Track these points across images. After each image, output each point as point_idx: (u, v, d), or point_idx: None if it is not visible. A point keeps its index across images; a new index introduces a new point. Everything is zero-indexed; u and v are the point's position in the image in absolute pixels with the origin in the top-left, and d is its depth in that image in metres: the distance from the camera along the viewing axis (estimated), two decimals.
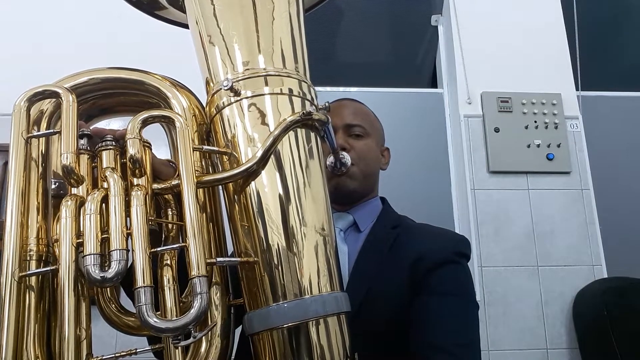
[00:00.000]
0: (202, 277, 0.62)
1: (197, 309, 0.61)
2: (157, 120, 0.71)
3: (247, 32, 0.78)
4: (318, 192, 0.73)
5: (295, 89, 0.75)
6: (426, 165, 2.31)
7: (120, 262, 0.61)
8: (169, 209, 0.75)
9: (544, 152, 2.17)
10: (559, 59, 2.34)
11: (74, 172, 0.65)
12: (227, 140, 0.74)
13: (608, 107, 2.44)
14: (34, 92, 0.69)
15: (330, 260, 0.71)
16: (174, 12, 0.96)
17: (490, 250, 2.07)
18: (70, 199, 0.66)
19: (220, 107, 0.74)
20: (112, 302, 0.72)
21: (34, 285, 0.65)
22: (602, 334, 1.79)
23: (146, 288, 0.60)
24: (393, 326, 0.88)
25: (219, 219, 0.76)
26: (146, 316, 0.59)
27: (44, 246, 0.67)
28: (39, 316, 0.64)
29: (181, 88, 0.79)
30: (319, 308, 0.66)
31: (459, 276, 0.93)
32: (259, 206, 0.70)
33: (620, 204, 2.26)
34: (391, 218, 1.05)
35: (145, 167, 0.69)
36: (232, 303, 0.73)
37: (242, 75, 0.74)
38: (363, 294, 0.89)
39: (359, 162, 1.02)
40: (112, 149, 0.71)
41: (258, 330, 0.67)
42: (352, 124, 1.05)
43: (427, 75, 2.80)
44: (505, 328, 1.98)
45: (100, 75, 0.78)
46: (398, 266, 0.92)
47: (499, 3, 2.41)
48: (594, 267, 2.06)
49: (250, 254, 0.70)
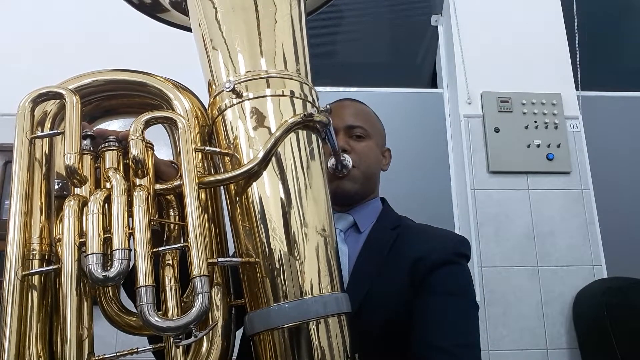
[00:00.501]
0: (203, 277, 0.62)
1: (198, 308, 0.61)
2: (160, 122, 0.72)
3: (249, 34, 0.78)
4: (319, 193, 0.74)
5: (296, 91, 0.76)
6: (426, 165, 2.31)
7: (122, 262, 0.61)
8: (170, 209, 0.76)
9: (544, 152, 2.17)
10: (559, 59, 2.34)
11: (77, 173, 0.65)
12: (229, 142, 0.74)
13: (608, 107, 2.44)
14: (38, 93, 0.70)
15: (331, 261, 0.71)
16: (176, 15, 0.96)
17: (490, 250, 2.07)
18: (73, 199, 0.66)
19: (222, 108, 0.75)
20: (114, 301, 0.72)
21: (36, 285, 0.65)
22: (602, 334, 1.79)
23: (148, 287, 0.60)
24: (393, 327, 0.88)
25: (220, 220, 0.77)
26: (148, 315, 0.60)
27: (46, 246, 0.67)
28: (41, 315, 0.65)
29: (184, 90, 0.80)
30: (320, 308, 0.67)
31: (459, 277, 0.93)
32: (260, 207, 0.70)
33: (620, 204, 2.26)
34: (391, 219, 1.05)
35: (147, 167, 0.69)
36: (233, 303, 0.73)
37: (244, 77, 0.75)
38: (363, 295, 0.89)
39: (360, 164, 1.02)
40: (114, 150, 0.72)
41: (259, 331, 0.68)
42: (353, 125, 1.05)
43: (427, 75, 2.80)
44: (505, 328, 1.98)
45: (103, 77, 0.79)
46: (398, 267, 0.92)
47: (498, 3, 2.40)
48: (594, 267, 2.06)
49: (252, 254, 0.70)
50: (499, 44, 2.33)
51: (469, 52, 2.30)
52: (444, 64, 2.48)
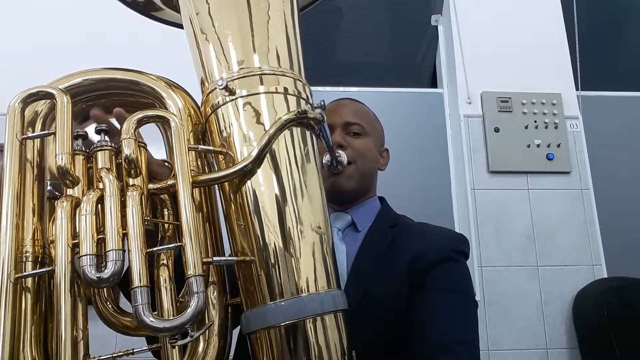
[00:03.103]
0: (198, 277, 0.62)
1: (193, 308, 0.61)
2: (152, 120, 0.71)
3: (241, 30, 0.78)
4: (314, 191, 0.73)
5: (290, 87, 0.75)
6: (426, 165, 2.31)
7: (116, 263, 0.61)
8: (165, 209, 0.75)
9: (544, 152, 2.17)
10: (559, 59, 2.33)
11: (69, 173, 0.65)
12: (223, 140, 0.74)
13: (608, 107, 2.43)
14: (28, 93, 0.69)
15: (327, 258, 0.71)
16: (170, 13, 0.96)
17: (490, 250, 2.07)
18: (66, 200, 0.65)
19: (216, 106, 0.74)
20: (109, 302, 0.72)
21: (30, 287, 0.64)
22: (602, 334, 1.78)
23: (142, 288, 0.60)
24: (391, 325, 0.88)
25: (215, 219, 0.76)
26: (143, 316, 0.59)
27: (39, 247, 0.67)
28: (35, 317, 0.64)
29: (176, 88, 0.79)
30: (316, 306, 0.66)
31: (458, 274, 0.93)
32: (255, 205, 0.70)
33: (620, 204, 2.25)
34: (389, 217, 1.05)
35: (140, 167, 0.69)
36: (229, 302, 0.73)
37: (237, 74, 0.74)
38: (361, 294, 0.89)
39: (356, 160, 1.02)
40: (107, 150, 0.71)
41: (255, 329, 0.67)
42: (350, 122, 1.04)
43: (427, 75, 2.80)
44: (505, 328, 1.98)
45: (94, 76, 0.78)
46: (396, 265, 0.92)
47: (498, 3, 2.40)
48: (594, 267, 2.06)
49: (247, 253, 0.70)
50: (499, 44, 2.33)
51: (469, 52, 2.30)
52: (444, 64, 2.48)
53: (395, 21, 2.84)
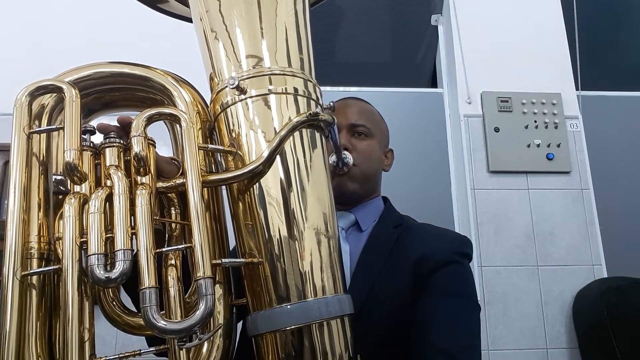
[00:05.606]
0: (207, 279, 0.61)
1: (203, 311, 0.60)
2: (163, 118, 0.70)
3: (252, 29, 0.77)
4: (322, 194, 0.73)
5: (300, 88, 0.75)
6: (426, 165, 2.30)
7: (125, 262, 0.60)
8: (172, 207, 0.74)
9: (544, 152, 2.17)
10: (559, 59, 2.33)
11: (77, 169, 0.63)
12: (232, 139, 0.73)
13: (608, 107, 2.44)
14: (36, 86, 0.68)
15: (334, 261, 0.70)
16: (176, 5, 0.94)
17: (490, 250, 2.07)
18: (74, 197, 0.64)
19: (225, 105, 0.73)
20: (115, 301, 0.71)
21: (36, 284, 0.63)
22: (602, 334, 1.79)
23: (152, 289, 0.59)
24: (395, 326, 0.88)
25: (221, 218, 0.75)
26: (152, 318, 0.58)
27: (45, 244, 0.66)
28: (40, 315, 0.63)
29: (184, 84, 0.78)
30: (323, 310, 0.66)
31: (462, 277, 0.93)
32: (263, 206, 0.69)
33: (620, 204, 2.26)
34: (393, 217, 1.05)
35: (149, 165, 0.68)
36: (235, 303, 0.72)
37: (248, 73, 0.73)
38: (365, 294, 0.88)
39: (361, 162, 1.02)
40: (115, 146, 0.70)
41: (262, 332, 0.67)
42: (356, 123, 1.04)
43: (427, 75, 2.79)
44: (505, 328, 1.98)
45: (103, 69, 0.77)
46: (400, 266, 0.91)
47: (499, 3, 2.40)
48: (593, 267, 2.06)
49: (255, 254, 0.69)
50: (499, 44, 2.33)
51: (469, 52, 2.30)
52: (444, 64, 2.47)
53: (395, 21, 2.83)
